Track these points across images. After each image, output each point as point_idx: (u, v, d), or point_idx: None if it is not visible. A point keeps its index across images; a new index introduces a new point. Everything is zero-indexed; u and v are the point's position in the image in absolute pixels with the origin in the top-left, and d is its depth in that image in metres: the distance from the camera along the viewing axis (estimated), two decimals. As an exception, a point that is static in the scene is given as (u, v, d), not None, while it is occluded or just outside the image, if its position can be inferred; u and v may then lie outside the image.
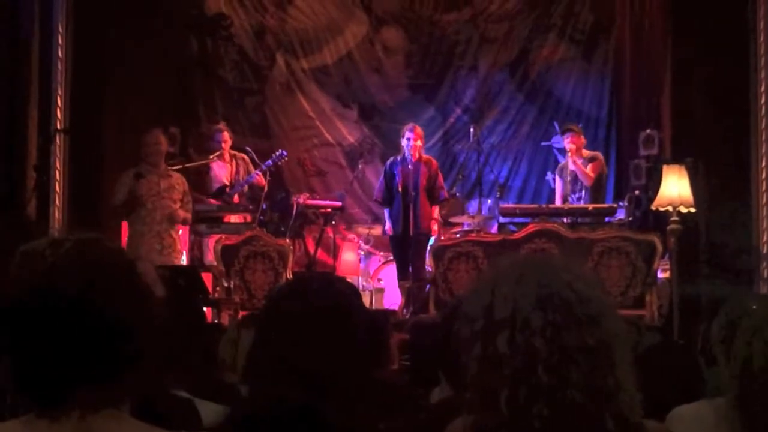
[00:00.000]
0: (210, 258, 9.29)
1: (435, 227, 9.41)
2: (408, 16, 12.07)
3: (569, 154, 9.51)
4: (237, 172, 9.94)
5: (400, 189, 9.27)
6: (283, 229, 10.08)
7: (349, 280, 3.48)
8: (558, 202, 9.68)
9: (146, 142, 8.69)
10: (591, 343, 1.51)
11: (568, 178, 9.58)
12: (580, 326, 1.52)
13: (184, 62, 11.56)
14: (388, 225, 9.46)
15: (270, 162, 9.92)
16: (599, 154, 9.86)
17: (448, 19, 12.01)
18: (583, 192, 9.52)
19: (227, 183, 9.89)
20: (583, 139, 9.64)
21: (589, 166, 9.52)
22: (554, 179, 10.06)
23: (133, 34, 9.80)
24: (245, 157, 10.04)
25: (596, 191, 9.57)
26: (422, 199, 9.26)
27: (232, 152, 10.01)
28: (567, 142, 9.55)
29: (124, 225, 8.90)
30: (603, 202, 9.56)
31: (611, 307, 1.59)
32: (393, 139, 10.27)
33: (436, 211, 9.44)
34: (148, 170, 8.59)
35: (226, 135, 9.95)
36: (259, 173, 9.81)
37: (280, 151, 10.18)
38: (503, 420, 1.51)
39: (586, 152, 9.64)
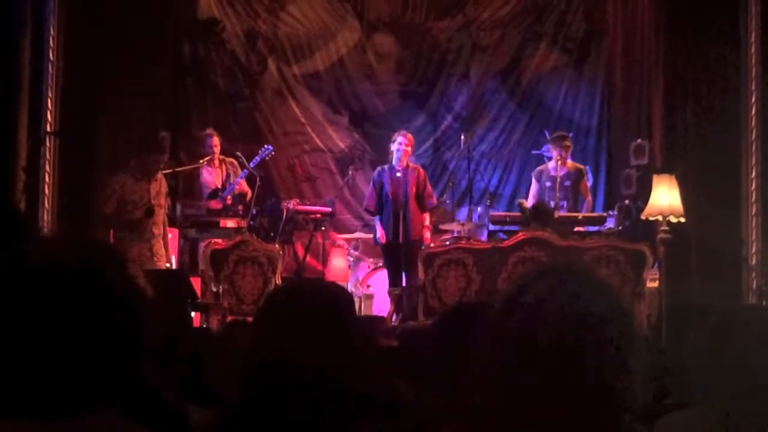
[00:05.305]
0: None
1: (427, 234, 9.42)
2: (400, 23, 12.08)
3: (558, 162, 9.53)
4: (227, 177, 9.94)
5: (390, 197, 9.28)
6: (272, 234, 10.05)
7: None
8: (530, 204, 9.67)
9: (162, 159, 8.67)
10: (607, 344, 1.50)
11: (548, 184, 9.59)
12: (598, 327, 1.50)
13: (175, 66, 11.54)
14: (380, 233, 9.45)
15: (258, 158, 9.92)
16: (582, 166, 9.95)
17: (441, 26, 12.03)
18: (569, 201, 9.58)
19: (219, 187, 9.88)
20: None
21: (585, 179, 9.68)
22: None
23: (125, 37, 9.78)
24: (234, 161, 10.03)
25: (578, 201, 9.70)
26: (412, 206, 9.28)
27: (221, 157, 10.02)
28: (563, 152, 9.57)
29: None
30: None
31: (628, 312, 1.58)
32: (383, 145, 10.26)
33: (427, 218, 9.46)
34: (142, 178, 8.56)
35: (216, 140, 9.96)
36: (241, 180, 9.77)
37: (265, 146, 10.17)
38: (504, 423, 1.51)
39: (569, 163, 9.70)
